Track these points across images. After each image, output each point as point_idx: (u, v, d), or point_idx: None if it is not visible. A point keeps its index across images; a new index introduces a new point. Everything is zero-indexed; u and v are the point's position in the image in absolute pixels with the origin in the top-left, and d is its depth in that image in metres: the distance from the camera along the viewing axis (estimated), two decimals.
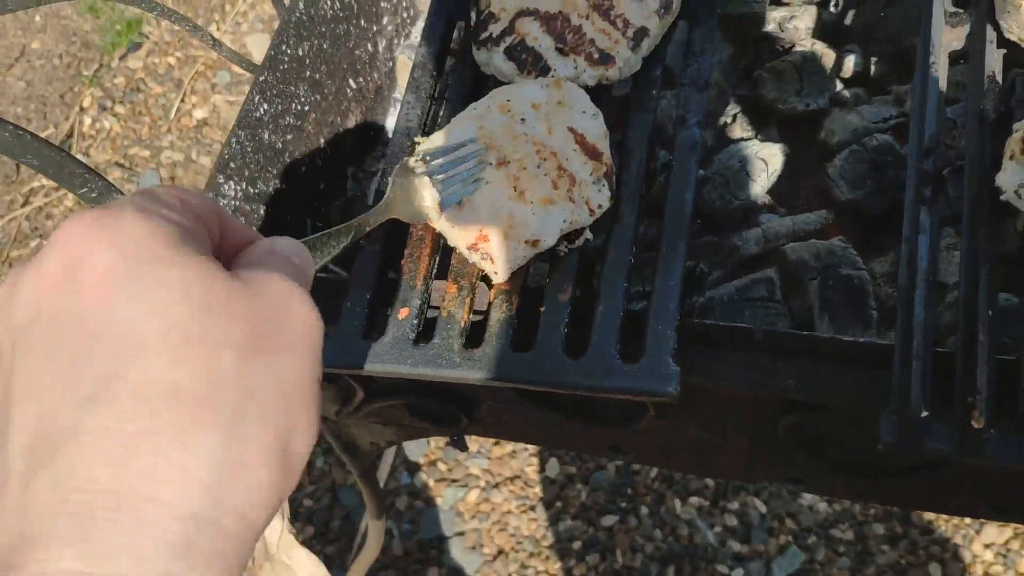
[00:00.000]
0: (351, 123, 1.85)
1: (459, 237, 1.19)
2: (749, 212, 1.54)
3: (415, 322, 1.17)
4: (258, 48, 4.22)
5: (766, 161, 1.53)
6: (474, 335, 1.17)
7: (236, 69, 4.13)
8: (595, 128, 1.22)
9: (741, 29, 1.78)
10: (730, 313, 1.39)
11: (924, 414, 1.00)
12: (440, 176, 1.16)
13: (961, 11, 1.30)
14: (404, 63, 1.99)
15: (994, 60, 1.21)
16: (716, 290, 1.43)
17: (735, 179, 1.53)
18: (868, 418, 1.12)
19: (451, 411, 1.62)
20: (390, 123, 1.99)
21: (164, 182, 3.95)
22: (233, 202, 1.55)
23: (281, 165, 1.64)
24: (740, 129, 1.68)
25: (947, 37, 1.28)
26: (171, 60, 4.29)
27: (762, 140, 1.60)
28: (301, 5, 1.67)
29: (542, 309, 1.17)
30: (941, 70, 1.23)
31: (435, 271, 1.24)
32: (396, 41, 2.00)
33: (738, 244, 1.48)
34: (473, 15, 1.38)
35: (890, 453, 1.02)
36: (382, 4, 1.93)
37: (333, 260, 0.85)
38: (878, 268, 1.45)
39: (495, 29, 1.35)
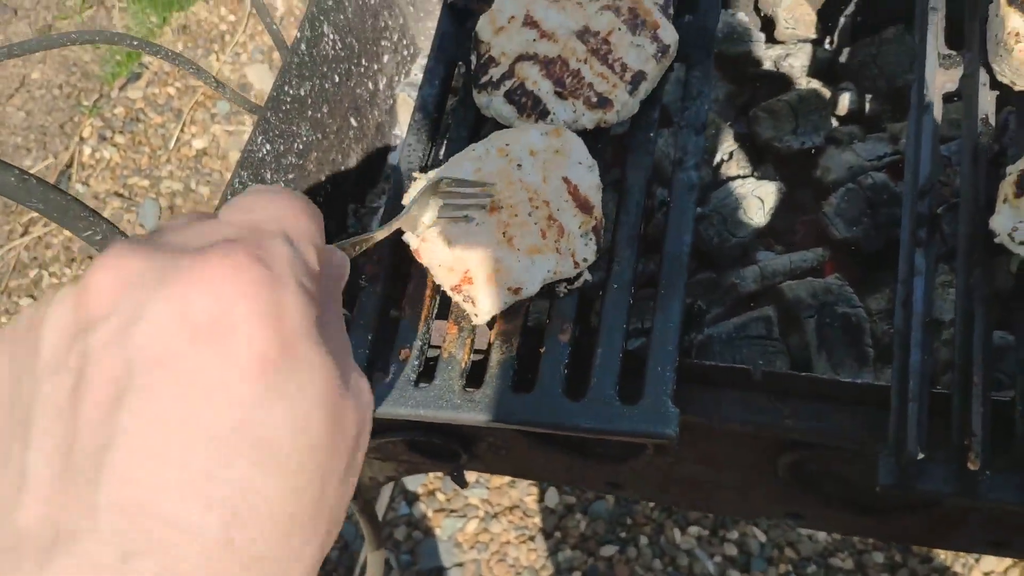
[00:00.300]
0: (352, 161, 1.87)
1: (444, 277, 1.21)
2: (746, 249, 1.56)
3: (416, 363, 1.18)
4: (258, 78, 4.25)
5: (762, 199, 1.55)
6: (474, 375, 1.19)
7: None
8: (589, 180, 1.24)
9: (738, 68, 1.80)
10: (728, 351, 1.40)
11: (920, 456, 1.01)
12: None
13: (954, 53, 1.32)
14: (404, 100, 2.01)
15: (987, 102, 1.23)
16: (715, 327, 1.44)
17: (732, 217, 1.55)
18: (866, 457, 1.13)
19: (451, 447, 1.63)
20: (391, 160, 2.01)
21: (163, 212, 3.97)
22: None
23: None
24: (737, 167, 1.70)
25: (941, 79, 1.30)
26: (171, 90, 4.32)
27: (758, 178, 1.62)
28: (303, 47, 1.69)
29: (542, 350, 1.18)
30: (935, 112, 1.25)
31: (435, 311, 1.25)
32: (396, 78, 2.03)
33: (736, 281, 1.49)
34: (473, 58, 1.41)
35: (887, 495, 1.02)
36: (383, 43, 1.96)
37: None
38: (874, 305, 1.47)
39: (495, 73, 1.37)
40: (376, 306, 1.26)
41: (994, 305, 1.13)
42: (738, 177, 1.66)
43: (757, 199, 1.55)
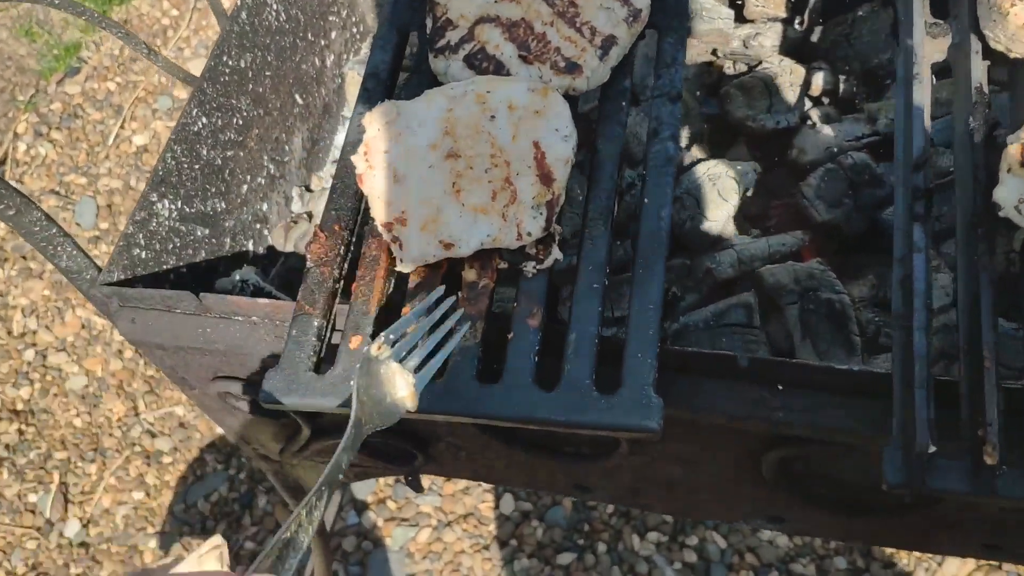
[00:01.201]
0: (297, 141, 1.74)
1: (380, 210, 1.12)
2: (721, 233, 1.46)
3: None
4: None
5: (737, 180, 1.46)
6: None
7: (178, 94, 3.99)
8: (560, 150, 1.13)
9: (706, 46, 1.71)
10: (707, 340, 1.30)
11: (932, 450, 0.91)
12: (411, 356, 0.99)
13: (941, 22, 1.24)
14: (354, 79, 1.89)
15: (980, 72, 1.15)
16: (691, 316, 1.34)
17: (705, 199, 1.46)
18: (864, 452, 1.03)
19: (406, 449, 1.50)
20: (338, 141, 1.88)
21: (101, 210, 3.77)
22: (167, 222, 1.42)
23: (221, 183, 1.52)
24: (708, 147, 1.61)
25: (929, 48, 1.22)
26: (110, 85, 4.13)
27: (732, 158, 1.53)
28: (244, 15, 1.56)
29: (510, 336, 1.07)
30: (924, 83, 1.16)
31: (390, 292, 1.13)
32: (345, 57, 1.90)
33: (712, 267, 1.39)
34: (429, 22, 1.29)
35: (895, 494, 0.93)
36: (331, 18, 1.83)
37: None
38: (856, 291, 1.38)
39: (453, 36, 1.26)
40: (325, 290, 1.13)
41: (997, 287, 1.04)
42: (710, 158, 1.56)
43: (731, 180, 1.45)
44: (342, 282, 1.16)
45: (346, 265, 1.17)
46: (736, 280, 1.40)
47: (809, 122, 1.56)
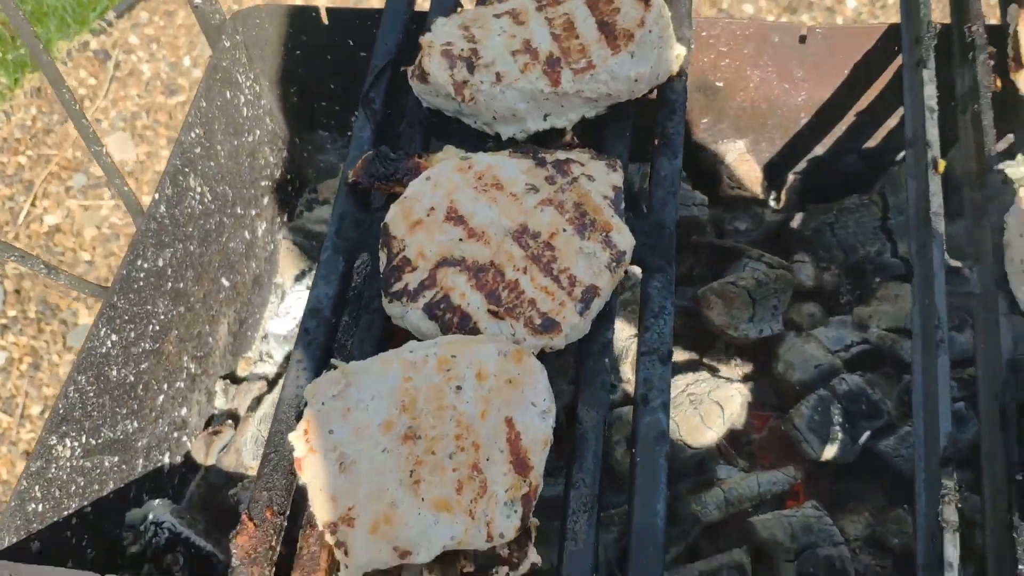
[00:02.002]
0: (222, 329, 1.54)
1: (322, 507, 0.94)
2: (703, 462, 1.33)
3: None
4: (119, 148, 3.82)
5: (722, 405, 1.32)
6: None
7: (94, 171, 3.73)
8: (537, 430, 0.97)
9: (681, 233, 1.58)
10: None
11: None
12: None
13: (960, 266, 1.12)
14: (288, 248, 1.71)
15: (1009, 344, 1.04)
16: (677, 572, 1.19)
17: (686, 424, 1.32)
18: None
19: None
20: (268, 314, 1.69)
21: (8, 296, 3.48)
22: (70, 463, 1.22)
23: (133, 401, 1.32)
24: (682, 351, 1.47)
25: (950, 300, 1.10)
26: (21, 160, 3.84)
27: (716, 376, 1.39)
28: (163, 208, 1.36)
29: None
30: (944, 358, 1.04)
31: None
32: (278, 220, 1.72)
33: (697, 509, 1.25)
34: (383, 257, 1.12)
35: None
36: (262, 183, 1.65)
37: None
38: (851, 529, 1.26)
39: (412, 280, 1.09)
40: None
41: None
42: (690, 371, 1.42)
43: (715, 404, 1.32)
44: None
45: (275, 556, 0.99)
46: (723, 523, 1.26)
47: (792, 327, 1.44)
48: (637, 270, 1.17)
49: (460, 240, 1.10)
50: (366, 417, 0.99)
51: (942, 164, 1.15)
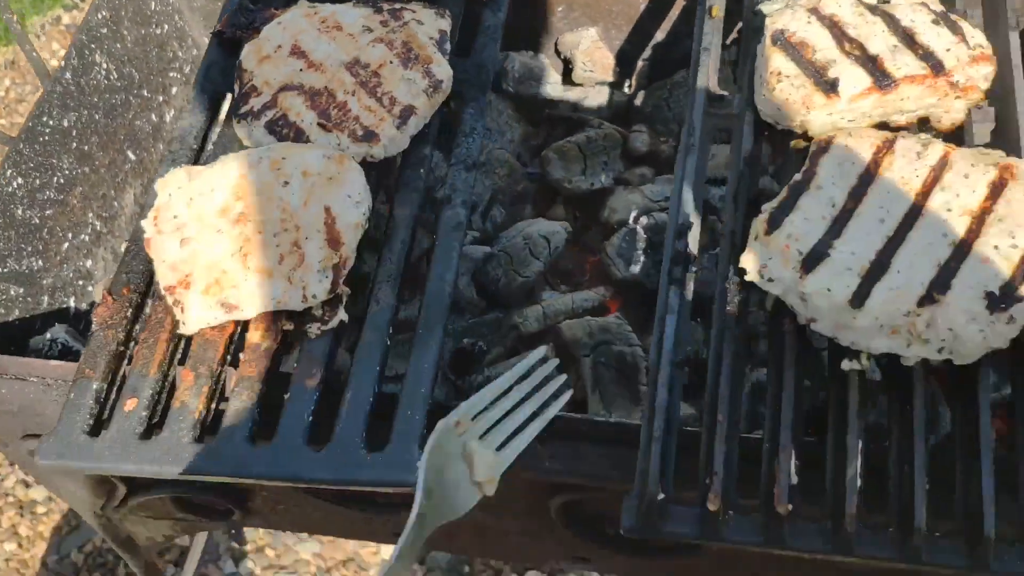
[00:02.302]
0: (129, 196, 1.75)
1: (164, 274, 1.14)
2: (533, 289, 1.53)
3: (144, 414, 1.08)
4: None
5: (548, 239, 1.53)
6: (214, 427, 1.09)
7: None
8: (351, 216, 1.17)
9: (534, 109, 1.79)
10: None
11: (661, 496, 0.98)
12: (494, 431, 0.92)
13: (727, 94, 1.33)
14: None
15: (750, 142, 1.24)
16: (494, 368, 1.39)
17: (519, 257, 1.52)
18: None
19: (222, 504, 1.51)
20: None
21: None
22: None
23: (39, 242, 1.52)
24: (533, 207, 1.68)
25: (711, 120, 1.30)
26: None
27: (548, 218, 1.60)
28: (68, 75, 1.57)
29: (286, 396, 1.10)
30: (699, 152, 1.24)
31: (177, 357, 1.16)
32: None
33: (519, 321, 1.45)
34: (236, 87, 1.33)
35: (633, 537, 0.99)
36: (171, 74, 1.86)
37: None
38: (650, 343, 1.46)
39: (257, 103, 1.30)
40: (108, 352, 1.14)
41: (744, 345, 1.12)
42: (528, 217, 1.63)
43: (543, 239, 1.52)
44: (130, 345, 1.17)
45: (136, 328, 1.19)
46: (542, 334, 1.46)
47: (624, 184, 1.65)
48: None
49: (300, 70, 1.31)
50: (206, 205, 1.19)
51: (716, 8, 1.36)
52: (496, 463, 0.91)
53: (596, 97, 1.82)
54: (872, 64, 1.16)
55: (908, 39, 1.18)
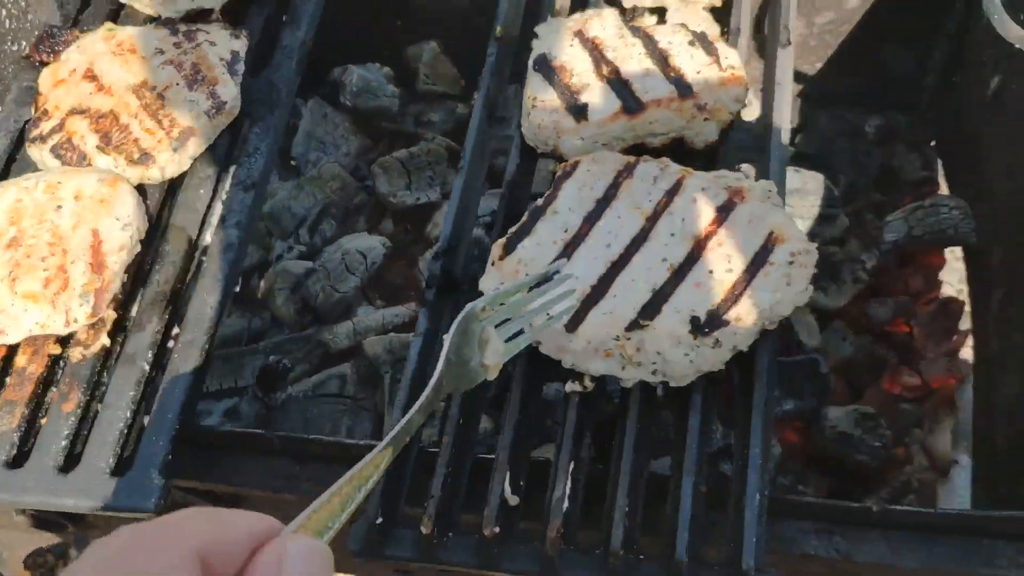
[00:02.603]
0: None
1: None
2: (351, 305, 1.55)
3: None
4: None
5: (365, 254, 1.55)
6: None
7: None
8: (117, 239, 1.20)
9: (373, 123, 1.81)
10: (304, 409, 1.38)
11: (379, 521, 1.00)
12: (503, 323, 0.96)
13: (507, 117, 1.35)
14: None
15: (514, 164, 1.26)
16: (296, 386, 1.42)
17: (336, 272, 1.54)
18: None
19: (55, 519, 1.53)
20: None
21: None
22: None
23: None
24: (363, 221, 1.70)
25: (490, 143, 1.32)
26: None
27: (370, 233, 1.62)
28: None
29: (43, 420, 1.12)
30: (469, 174, 1.26)
31: None
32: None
33: (329, 338, 1.48)
34: (32, 111, 1.35)
35: (360, 560, 1.01)
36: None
37: None
38: None
39: (46, 127, 1.32)
40: None
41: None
42: (361, 230, 1.65)
43: (360, 254, 1.54)
44: None
45: None
46: (353, 350, 1.48)
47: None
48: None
49: (90, 94, 1.33)
50: None
51: (500, 30, 1.38)
52: (504, 351, 0.96)
53: (439, 111, 1.83)
54: (624, 88, 1.18)
55: (663, 61, 1.19)
